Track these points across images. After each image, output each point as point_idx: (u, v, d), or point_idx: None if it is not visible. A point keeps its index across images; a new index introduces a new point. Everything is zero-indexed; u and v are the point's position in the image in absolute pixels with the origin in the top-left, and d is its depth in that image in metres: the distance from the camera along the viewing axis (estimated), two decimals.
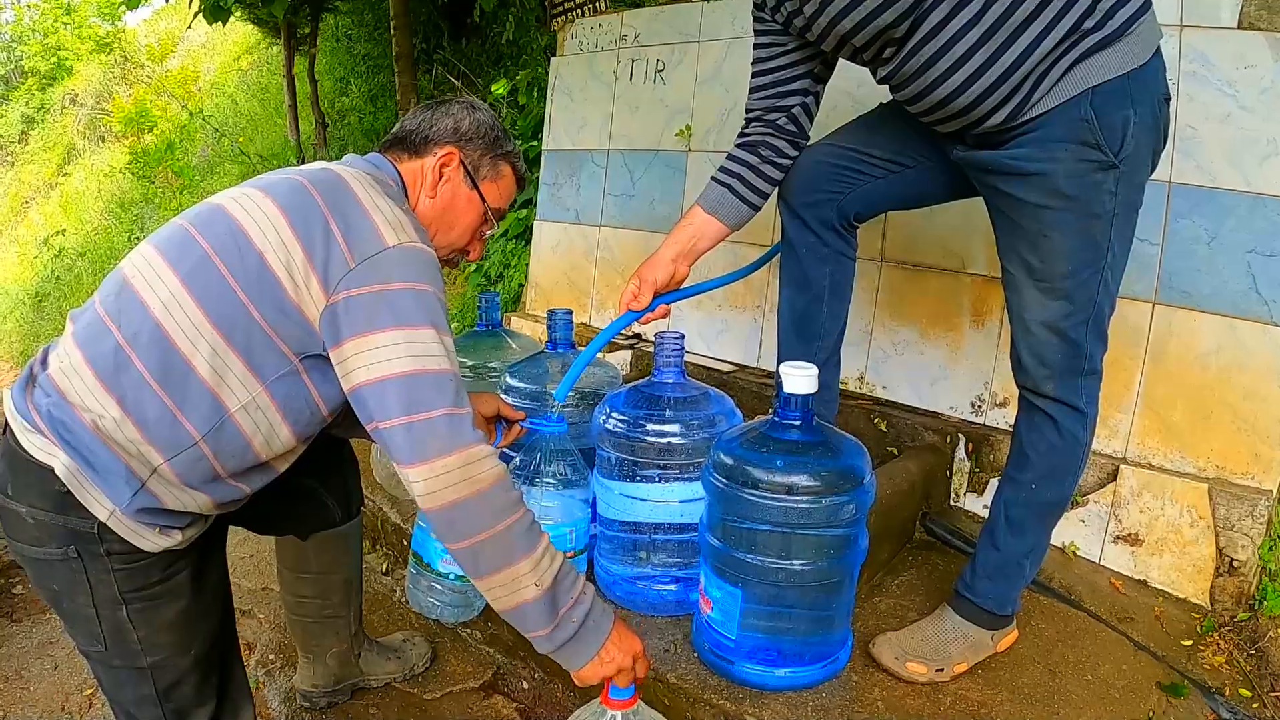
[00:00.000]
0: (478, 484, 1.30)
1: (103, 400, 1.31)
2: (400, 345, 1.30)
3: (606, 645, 1.44)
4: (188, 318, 1.32)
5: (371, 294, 1.32)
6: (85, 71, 14.96)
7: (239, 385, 1.35)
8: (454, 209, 1.61)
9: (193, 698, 1.52)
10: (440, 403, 1.30)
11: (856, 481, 1.60)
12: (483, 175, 1.62)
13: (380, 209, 1.38)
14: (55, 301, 9.87)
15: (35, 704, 2.26)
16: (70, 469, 1.31)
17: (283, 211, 1.36)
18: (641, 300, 1.86)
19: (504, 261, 4.67)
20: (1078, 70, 1.49)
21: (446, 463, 1.28)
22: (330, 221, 1.35)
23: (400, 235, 1.37)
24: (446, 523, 1.31)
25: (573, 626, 1.41)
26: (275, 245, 1.33)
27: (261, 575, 2.68)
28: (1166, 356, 2.22)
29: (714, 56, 3.21)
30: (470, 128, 1.61)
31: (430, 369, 1.31)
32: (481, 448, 1.32)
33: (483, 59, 6.16)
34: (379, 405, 1.30)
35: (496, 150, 1.64)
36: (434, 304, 1.36)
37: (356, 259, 1.33)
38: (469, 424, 1.33)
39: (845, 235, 1.94)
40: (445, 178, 1.59)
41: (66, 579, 1.39)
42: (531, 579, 1.35)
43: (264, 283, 1.33)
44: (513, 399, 2.05)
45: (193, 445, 1.34)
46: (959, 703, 1.72)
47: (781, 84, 1.83)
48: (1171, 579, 2.20)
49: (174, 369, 1.32)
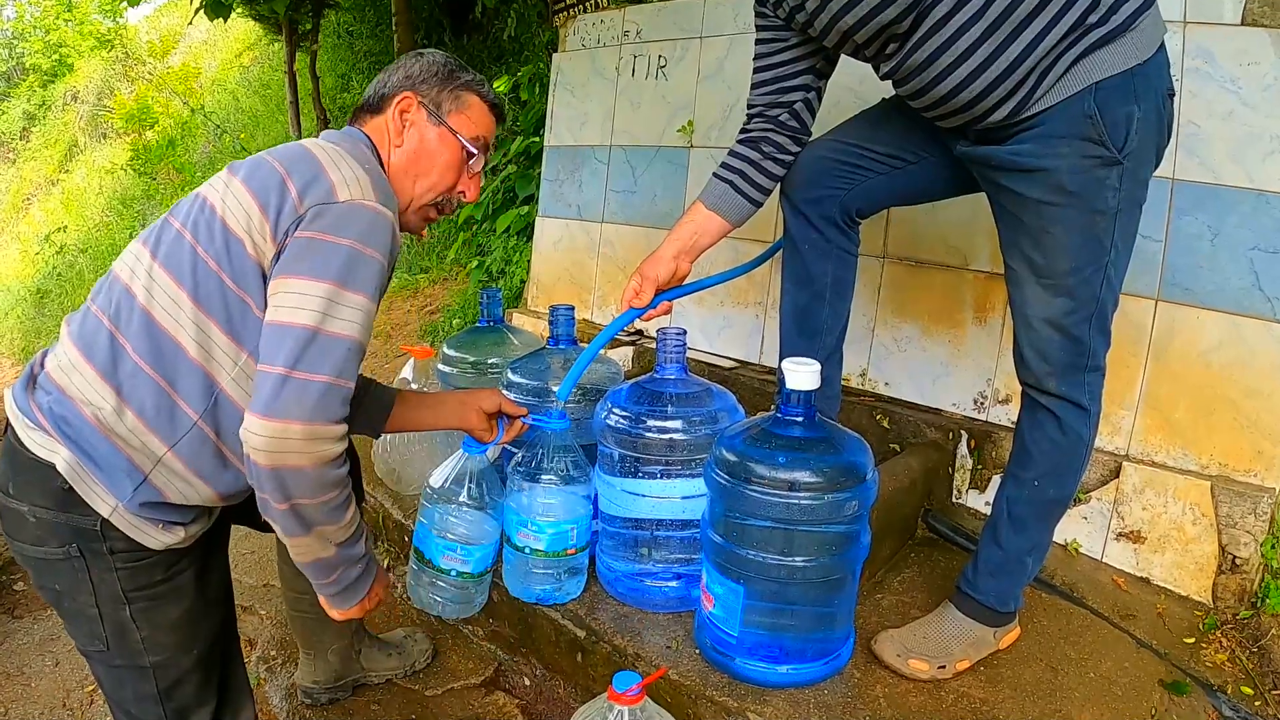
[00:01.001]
0: (313, 459, 1.29)
1: (102, 392, 1.32)
2: (317, 298, 1.29)
3: (374, 586, 1.56)
4: (168, 297, 1.34)
5: (309, 239, 1.32)
6: (86, 68, 14.95)
7: (225, 357, 1.35)
8: (426, 149, 1.58)
9: (194, 696, 1.52)
10: (326, 369, 1.28)
11: (859, 478, 1.59)
12: (446, 109, 1.59)
13: (339, 168, 1.38)
14: (57, 298, 9.87)
15: (36, 701, 2.26)
16: (72, 464, 1.31)
17: (243, 181, 1.38)
18: (643, 297, 1.85)
19: (506, 258, 4.67)
20: (1081, 66, 1.48)
21: (295, 429, 1.26)
22: (286, 179, 1.35)
23: (354, 192, 1.36)
24: (273, 480, 1.29)
25: (357, 571, 1.51)
26: (235, 209, 1.35)
27: (263, 571, 2.68)
28: (1169, 354, 2.22)
29: (716, 52, 3.20)
30: (420, 70, 1.59)
31: (334, 331, 1.30)
32: (335, 428, 1.30)
33: (484, 55, 6.16)
34: (271, 347, 1.29)
35: (453, 82, 1.60)
36: (368, 267, 1.34)
37: (306, 206, 1.33)
38: (339, 398, 1.30)
39: (848, 231, 1.93)
40: (408, 123, 1.57)
41: (69, 578, 1.39)
42: (333, 541, 1.42)
43: (230, 248, 1.34)
44: (514, 395, 2.05)
45: (193, 426, 1.35)
46: (961, 700, 1.72)
47: (783, 80, 1.83)
48: (1174, 576, 2.19)
49: (164, 351, 1.33)
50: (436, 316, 4.98)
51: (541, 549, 1.85)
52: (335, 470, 1.34)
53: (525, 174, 4.76)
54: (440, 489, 1.81)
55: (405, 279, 5.58)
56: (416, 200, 1.60)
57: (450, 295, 5.14)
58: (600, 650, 1.86)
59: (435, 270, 5.56)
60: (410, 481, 2.49)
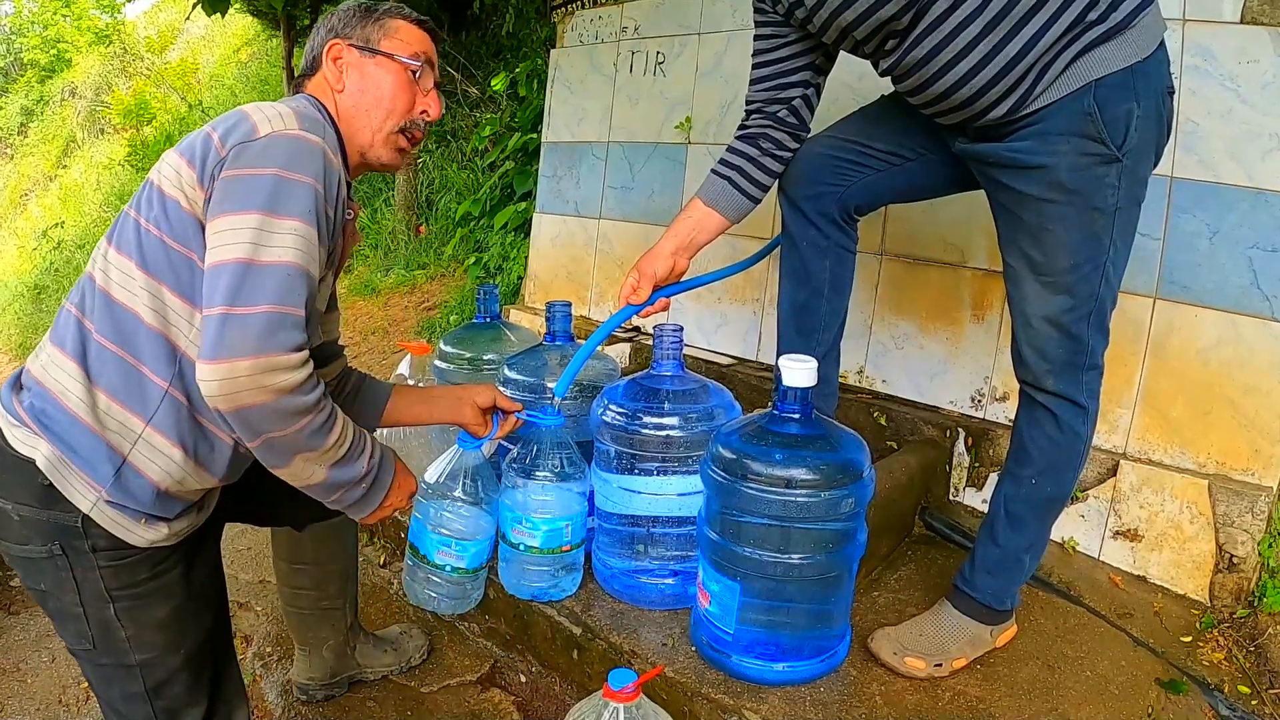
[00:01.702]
0: (271, 392, 1.24)
1: (75, 376, 1.33)
2: (247, 230, 1.25)
3: (388, 496, 1.53)
4: (120, 271, 1.35)
5: (231, 177, 1.30)
6: (84, 64, 14.95)
7: (180, 319, 1.34)
8: (368, 81, 1.56)
9: (183, 696, 1.51)
10: (264, 298, 1.23)
11: (856, 475, 1.59)
12: (375, 40, 1.57)
13: (263, 109, 1.37)
14: (54, 294, 9.87)
15: (33, 696, 2.26)
16: (51, 459, 1.32)
17: (176, 149, 1.38)
18: (640, 294, 1.84)
19: (503, 254, 4.66)
20: (1081, 63, 1.48)
21: (242, 365, 1.21)
22: (211, 132, 1.35)
23: (276, 125, 1.34)
24: (238, 420, 1.25)
25: (361, 490, 1.47)
26: (168, 173, 1.35)
27: (259, 568, 2.67)
28: (1167, 352, 2.22)
29: (714, 49, 3.20)
30: (339, 17, 1.58)
31: (268, 260, 1.25)
32: (287, 357, 1.24)
33: (482, 51, 6.15)
34: (209, 289, 1.25)
35: (373, 15, 1.59)
36: (297, 190, 1.30)
37: (227, 147, 1.32)
38: (287, 325, 1.25)
39: (846, 228, 1.93)
40: (343, 67, 1.55)
41: (53, 577, 1.38)
42: (322, 465, 1.37)
43: (166, 210, 1.33)
44: (511, 391, 2.05)
45: (164, 395, 1.34)
46: (957, 698, 1.72)
47: (782, 76, 1.82)
48: (1171, 575, 2.19)
49: (124, 324, 1.33)
50: (434, 313, 4.98)
51: (537, 546, 1.84)
52: (300, 398, 1.28)
53: (523, 170, 4.76)
54: (435, 484, 1.81)
55: (402, 275, 5.58)
56: (379, 133, 1.57)
57: (447, 292, 5.14)
58: (596, 647, 1.86)
59: (432, 267, 5.55)
60: None
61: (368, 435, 1.48)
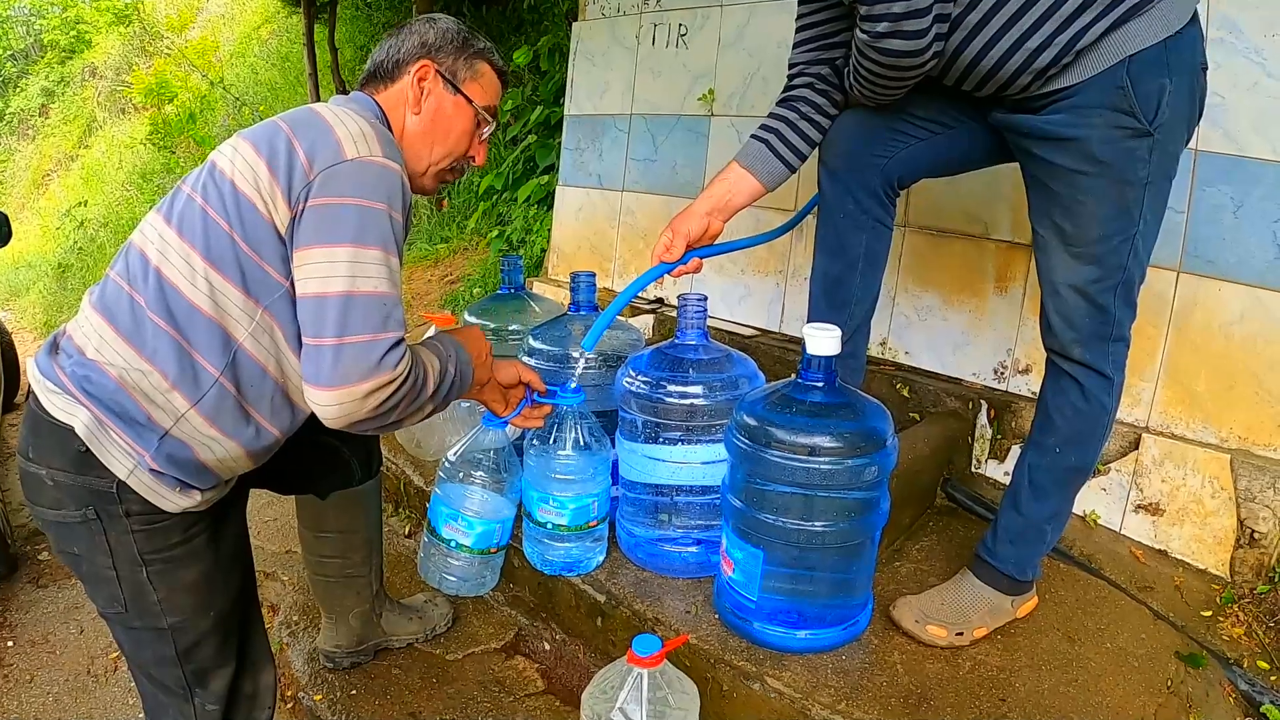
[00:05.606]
0: (384, 405, 1.34)
1: (125, 354, 1.34)
2: (342, 264, 1.31)
3: (486, 389, 1.70)
4: (182, 259, 1.35)
5: (323, 206, 1.33)
6: (104, 44, 14.98)
7: (241, 314, 1.37)
8: (443, 118, 1.60)
9: (213, 658, 1.55)
10: (372, 326, 1.31)
11: (879, 443, 1.60)
12: (462, 78, 1.60)
13: (345, 124, 1.39)
14: (78, 273, 9.94)
15: (61, 667, 2.30)
16: (91, 426, 1.33)
17: (251, 142, 1.39)
18: (674, 252, 1.83)
19: (526, 227, 4.67)
20: (1114, 37, 1.47)
21: (361, 389, 1.30)
22: (293, 139, 1.36)
23: (361, 148, 1.36)
24: (352, 428, 1.36)
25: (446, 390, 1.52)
26: (243, 169, 1.36)
27: (285, 539, 2.71)
28: (1190, 325, 2.21)
29: (737, 20, 3.18)
30: (436, 38, 1.60)
31: (367, 290, 1.32)
32: (394, 372, 1.33)
33: (504, 25, 6.14)
34: (313, 320, 1.31)
35: (468, 51, 1.61)
36: (382, 221, 1.35)
37: (315, 170, 1.34)
38: (390, 347, 1.33)
39: (886, 202, 1.90)
40: (426, 91, 1.58)
41: (86, 541, 1.41)
42: (426, 409, 1.48)
43: (240, 207, 1.35)
44: (535, 361, 2.06)
45: (214, 383, 1.36)
46: (978, 667, 1.73)
47: (825, 38, 1.80)
48: (1192, 549, 2.19)
49: (180, 310, 1.35)
50: (457, 286, 5.00)
51: (564, 524, 1.86)
52: (399, 392, 1.36)
53: (545, 143, 4.77)
54: (456, 462, 1.82)
55: (425, 249, 5.60)
56: (433, 166, 1.61)
57: (470, 265, 5.16)
58: (620, 615, 1.88)
59: (456, 240, 5.57)
60: (431, 447, 2.51)
61: (438, 353, 1.52)
